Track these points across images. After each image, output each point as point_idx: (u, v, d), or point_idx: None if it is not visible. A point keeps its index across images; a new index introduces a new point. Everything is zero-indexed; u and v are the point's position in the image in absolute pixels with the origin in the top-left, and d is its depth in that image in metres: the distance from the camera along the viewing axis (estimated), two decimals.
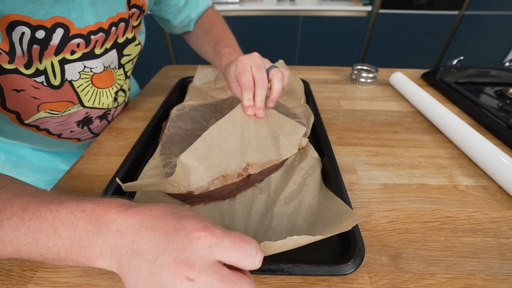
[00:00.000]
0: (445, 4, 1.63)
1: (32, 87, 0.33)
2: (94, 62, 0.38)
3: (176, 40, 1.74)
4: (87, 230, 0.19)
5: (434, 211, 0.32)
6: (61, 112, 0.38)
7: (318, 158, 0.37)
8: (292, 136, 0.37)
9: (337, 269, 0.23)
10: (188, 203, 0.31)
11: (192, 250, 0.17)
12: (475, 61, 1.81)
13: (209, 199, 0.31)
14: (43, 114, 0.36)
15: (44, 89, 0.34)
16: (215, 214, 0.30)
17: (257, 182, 0.33)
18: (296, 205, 0.30)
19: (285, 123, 0.38)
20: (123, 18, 0.39)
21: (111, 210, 0.20)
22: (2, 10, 0.27)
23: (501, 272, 0.25)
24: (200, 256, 0.17)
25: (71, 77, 0.36)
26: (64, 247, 0.19)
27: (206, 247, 0.18)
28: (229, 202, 0.31)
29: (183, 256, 0.17)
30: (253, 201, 0.31)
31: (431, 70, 0.65)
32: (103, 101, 0.43)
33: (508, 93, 0.57)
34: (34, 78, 0.32)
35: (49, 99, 0.35)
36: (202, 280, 0.17)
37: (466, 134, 0.41)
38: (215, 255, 0.18)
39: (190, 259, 0.17)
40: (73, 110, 0.39)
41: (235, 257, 0.18)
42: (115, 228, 0.19)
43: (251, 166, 0.33)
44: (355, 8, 1.67)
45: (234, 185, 0.32)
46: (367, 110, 0.52)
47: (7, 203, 0.21)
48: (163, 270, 0.17)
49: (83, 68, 0.37)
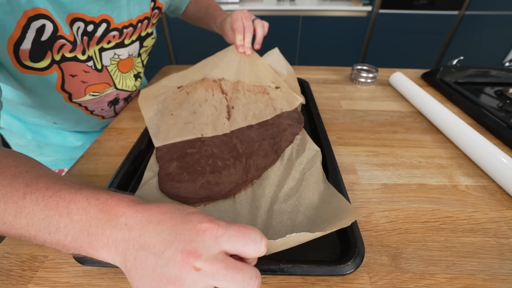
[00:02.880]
0: (445, 4, 1.63)
1: (83, 71, 0.41)
2: (122, 51, 0.47)
3: (176, 40, 1.74)
4: (97, 218, 0.20)
5: (434, 211, 0.32)
6: (100, 93, 0.46)
7: (317, 150, 0.37)
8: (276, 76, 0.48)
9: (337, 269, 0.23)
10: (188, 204, 0.31)
11: (199, 241, 0.18)
12: (475, 61, 1.81)
13: (209, 200, 0.31)
14: (88, 97, 0.45)
15: (92, 72, 0.42)
16: (215, 214, 0.30)
17: (255, 179, 0.33)
18: (296, 201, 0.30)
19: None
20: (146, 17, 0.49)
21: (122, 204, 0.21)
22: (69, 9, 0.36)
23: (501, 272, 0.25)
24: (207, 246, 0.18)
25: (105, 63, 0.45)
26: (73, 230, 0.20)
27: (213, 238, 0.18)
28: (228, 202, 0.31)
29: (190, 247, 0.18)
30: (252, 200, 0.31)
31: (431, 70, 0.65)
32: (128, 84, 0.52)
33: (508, 93, 0.57)
34: (87, 63, 0.41)
35: (94, 81, 0.44)
36: (208, 269, 0.17)
37: (466, 134, 0.41)
38: (221, 245, 0.18)
39: (197, 249, 0.17)
40: (108, 91, 0.48)
41: (241, 244, 0.18)
42: (123, 221, 0.20)
43: (224, 81, 0.46)
44: (355, 8, 1.67)
45: (233, 183, 0.32)
46: (367, 110, 0.52)
47: (35, 180, 0.22)
48: (170, 262, 0.17)
49: (113, 55, 0.46)
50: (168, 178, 0.33)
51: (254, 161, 0.35)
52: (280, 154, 0.36)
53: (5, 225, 0.21)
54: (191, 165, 0.35)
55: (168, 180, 0.33)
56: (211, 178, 0.33)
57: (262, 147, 0.37)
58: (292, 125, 0.40)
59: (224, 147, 0.38)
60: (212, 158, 0.36)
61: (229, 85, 0.48)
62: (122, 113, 0.51)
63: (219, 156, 0.36)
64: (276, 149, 0.36)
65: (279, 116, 0.42)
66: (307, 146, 0.37)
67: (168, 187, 0.32)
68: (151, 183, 0.33)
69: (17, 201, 0.21)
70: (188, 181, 0.33)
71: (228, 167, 0.34)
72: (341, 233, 0.27)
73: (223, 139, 0.39)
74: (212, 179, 0.33)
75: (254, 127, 0.41)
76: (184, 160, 0.36)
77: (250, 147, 0.37)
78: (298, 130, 0.40)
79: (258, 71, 0.51)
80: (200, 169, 0.34)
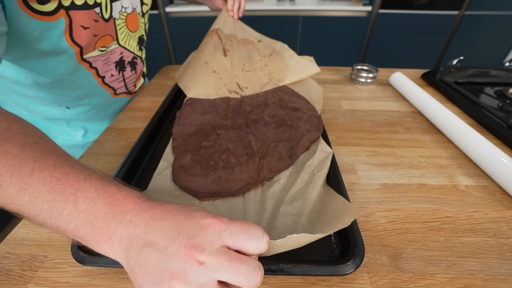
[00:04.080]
0: (445, 4, 1.63)
1: (94, 21, 0.40)
2: (127, 2, 0.48)
3: (176, 40, 1.74)
4: (104, 211, 0.20)
5: (434, 211, 0.32)
6: (106, 47, 0.46)
7: (330, 151, 0.36)
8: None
9: (337, 269, 0.23)
10: (198, 197, 0.31)
11: (202, 236, 0.18)
12: (475, 61, 1.81)
13: (218, 196, 0.31)
14: (96, 52, 0.44)
15: (100, 21, 0.42)
16: (224, 210, 0.30)
17: (266, 180, 0.33)
18: (301, 203, 0.30)
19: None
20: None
21: (129, 200, 0.21)
22: None
23: (501, 272, 0.25)
24: (210, 241, 0.18)
25: (115, 15, 0.45)
26: (77, 219, 0.19)
27: (215, 233, 0.18)
28: (237, 200, 0.31)
29: (193, 242, 0.18)
30: (261, 200, 0.31)
31: (431, 70, 0.65)
32: (131, 43, 0.53)
33: (508, 93, 0.57)
34: (95, 9, 0.40)
35: (102, 32, 0.43)
36: (212, 262, 0.17)
37: (466, 134, 0.41)
38: (223, 240, 0.18)
39: (200, 243, 0.18)
40: (112, 47, 0.48)
41: (243, 239, 0.19)
42: (129, 218, 0.19)
43: (220, 31, 0.58)
44: (355, 8, 1.67)
45: (243, 182, 0.32)
46: (367, 110, 0.52)
47: (44, 156, 0.21)
48: (174, 257, 0.17)
49: (120, 8, 0.47)
50: (182, 170, 0.34)
51: (268, 162, 0.35)
52: (294, 160, 0.35)
53: (5, 198, 0.20)
54: (205, 159, 0.35)
55: (182, 172, 0.34)
56: (223, 174, 0.33)
57: (277, 148, 0.36)
58: (311, 131, 0.39)
59: (239, 143, 0.38)
60: (226, 154, 0.36)
61: (223, 35, 0.59)
62: (122, 113, 0.51)
63: (233, 152, 0.36)
64: (291, 154, 0.36)
65: (299, 119, 0.41)
66: (319, 147, 0.37)
67: (181, 179, 0.33)
68: (165, 173, 0.34)
69: (24, 176, 0.20)
70: (200, 175, 0.33)
71: (240, 165, 0.34)
72: (341, 233, 0.27)
73: (239, 134, 0.39)
74: (223, 175, 0.33)
75: (271, 126, 0.40)
76: (198, 153, 0.36)
77: (265, 146, 0.37)
78: (316, 138, 0.38)
79: (245, 29, 0.64)
80: (213, 163, 0.35)
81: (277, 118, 0.42)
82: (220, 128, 0.41)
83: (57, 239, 0.28)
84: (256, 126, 0.41)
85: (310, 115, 0.42)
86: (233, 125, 0.41)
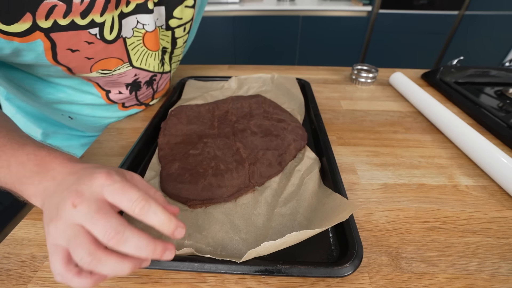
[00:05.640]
0: (445, 4, 1.64)
1: (86, 43, 0.33)
2: (147, 18, 0.38)
3: None
4: (31, 170, 0.23)
5: (434, 211, 0.32)
6: (111, 70, 0.39)
7: (316, 158, 0.37)
8: None
9: (335, 270, 0.23)
10: (189, 205, 0.31)
11: (87, 185, 0.20)
12: (475, 61, 1.81)
13: (210, 202, 0.31)
14: (95, 74, 0.38)
15: (97, 43, 0.34)
16: (218, 216, 0.29)
17: (257, 186, 0.33)
18: (295, 204, 0.30)
19: None
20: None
21: (56, 161, 0.23)
22: None
23: (501, 272, 0.25)
24: (92, 190, 0.19)
25: (125, 34, 0.37)
26: (11, 179, 0.23)
27: (99, 185, 0.20)
28: (230, 205, 0.31)
29: (78, 187, 0.19)
30: (254, 205, 0.31)
31: (431, 70, 0.65)
32: (149, 62, 0.43)
33: (508, 93, 0.57)
34: (89, 29, 0.32)
35: (101, 55, 0.36)
36: (83, 208, 0.18)
37: (466, 134, 0.41)
38: (104, 193, 0.19)
39: (83, 190, 0.19)
40: (123, 69, 0.40)
41: (119, 197, 0.19)
42: (51, 175, 0.22)
43: None
44: (355, 8, 1.67)
45: (235, 187, 0.32)
46: (367, 110, 0.52)
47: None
48: (62, 199, 0.19)
49: (136, 24, 0.37)
50: (170, 178, 0.33)
51: (258, 169, 0.35)
52: (284, 167, 0.36)
53: None
54: (194, 167, 0.35)
55: (170, 180, 0.33)
56: (214, 180, 0.33)
57: (266, 156, 0.37)
58: (297, 141, 0.40)
59: (227, 151, 0.38)
60: (214, 161, 0.36)
61: None
62: None
63: (222, 159, 0.36)
64: (280, 161, 0.36)
65: (284, 129, 0.42)
66: (306, 154, 0.38)
67: (170, 187, 0.32)
68: (153, 182, 0.33)
69: None
70: (190, 182, 0.33)
71: (230, 171, 0.34)
72: (340, 235, 0.27)
73: (226, 142, 0.39)
74: (214, 181, 0.33)
75: (258, 135, 0.41)
76: (186, 161, 0.36)
77: (253, 153, 0.37)
78: (302, 147, 0.40)
79: None
80: (203, 171, 0.34)
81: (263, 128, 0.42)
82: (207, 137, 0.40)
83: None
84: (243, 134, 0.41)
85: (295, 126, 0.43)
86: (220, 134, 0.41)
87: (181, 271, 0.25)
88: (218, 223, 0.28)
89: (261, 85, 0.56)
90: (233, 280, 0.25)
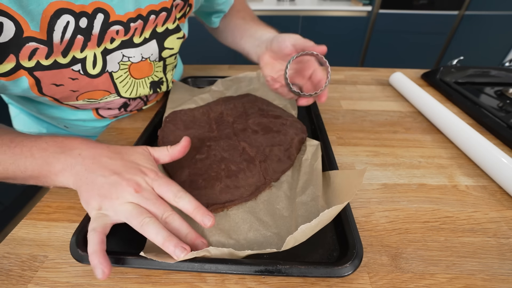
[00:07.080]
0: (445, 4, 1.64)
1: (70, 79, 0.34)
2: (132, 51, 0.38)
3: None
4: (55, 151, 0.26)
5: (434, 211, 0.32)
6: (98, 100, 0.41)
7: (317, 143, 0.38)
8: None
9: (335, 270, 0.23)
10: (210, 209, 0.30)
11: (141, 176, 0.26)
12: (475, 61, 1.81)
13: (232, 204, 0.31)
14: (81, 102, 0.40)
15: (82, 78, 0.35)
16: (243, 215, 0.29)
17: (273, 181, 0.34)
18: (313, 189, 0.31)
19: None
20: (165, 8, 0.38)
21: (76, 141, 0.27)
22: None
23: (501, 272, 0.25)
24: (145, 182, 0.26)
25: (111, 69, 0.38)
26: (37, 165, 0.26)
27: (150, 180, 0.26)
28: (252, 204, 0.31)
29: (134, 178, 0.25)
30: (275, 200, 0.31)
31: (431, 70, 0.65)
32: (140, 92, 0.44)
33: (508, 93, 0.57)
34: (71, 66, 0.33)
35: (86, 88, 0.37)
36: (145, 194, 0.25)
37: (466, 134, 0.41)
38: (153, 185, 0.26)
39: (139, 181, 0.25)
40: (110, 99, 0.42)
41: (164, 189, 0.26)
42: (77, 152, 0.26)
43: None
44: (355, 8, 1.67)
45: (253, 186, 0.32)
46: (367, 110, 0.52)
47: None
48: (116, 183, 0.24)
49: (121, 58, 0.38)
50: (184, 186, 0.32)
51: (270, 165, 0.35)
52: (293, 160, 0.36)
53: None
54: (205, 171, 0.34)
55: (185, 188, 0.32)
56: (229, 182, 0.32)
57: (273, 152, 0.37)
58: (299, 134, 0.40)
59: (234, 151, 0.37)
60: (224, 163, 0.35)
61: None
62: None
63: (231, 160, 0.36)
64: (289, 155, 0.37)
65: (283, 125, 0.42)
66: (307, 143, 0.39)
67: None
68: None
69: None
70: (206, 187, 0.32)
71: (243, 171, 0.34)
72: (340, 235, 0.27)
73: (230, 143, 0.39)
74: (230, 183, 0.32)
75: (259, 133, 0.40)
76: (195, 167, 0.35)
77: (260, 151, 0.37)
78: (304, 140, 0.40)
79: None
80: (215, 174, 0.34)
81: (263, 125, 0.42)
82: (209, 140, 0.40)
83: (57, 239, 0.28)
84: (245, 134, 0.40)
85: (292, 120, 0.43)
86: (221, 136, 0.40)
87: (181, 271, 0.25)
88: (245, 223, 0.29)
89: (248, 83, 0.56)
90: (233, 280, 0.25)
